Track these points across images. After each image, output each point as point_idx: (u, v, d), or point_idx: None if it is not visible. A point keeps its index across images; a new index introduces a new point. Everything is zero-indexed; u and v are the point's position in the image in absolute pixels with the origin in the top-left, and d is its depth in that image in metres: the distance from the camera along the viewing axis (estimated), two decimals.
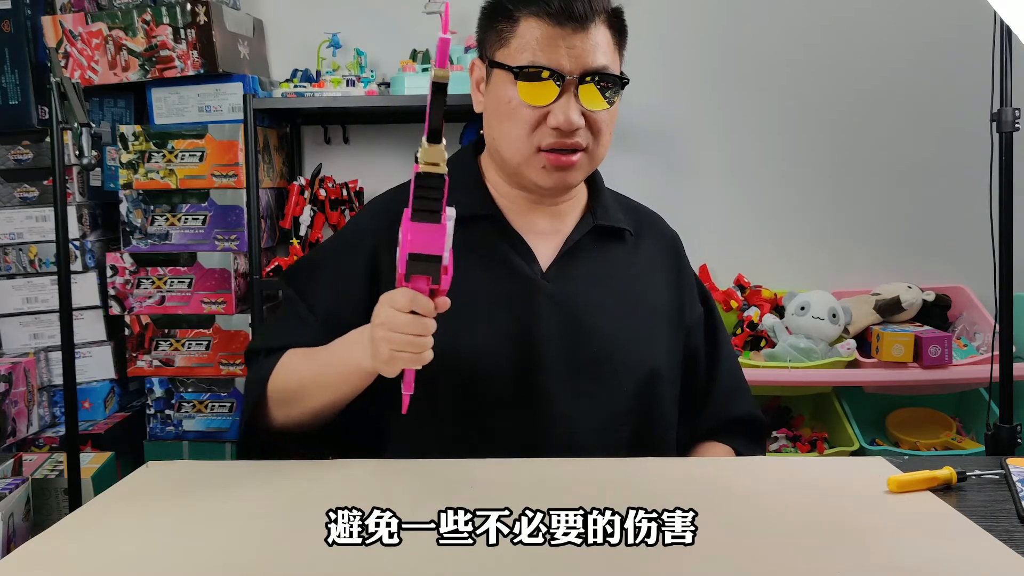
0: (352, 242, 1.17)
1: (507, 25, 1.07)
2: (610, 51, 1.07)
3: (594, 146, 1.10)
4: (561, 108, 1.04)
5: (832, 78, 2.45)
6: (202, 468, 1.05)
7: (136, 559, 0.77)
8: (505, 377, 1.01)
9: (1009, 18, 1.12)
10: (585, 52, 1.04)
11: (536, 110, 1.05)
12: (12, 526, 1.82)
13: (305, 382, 1.07)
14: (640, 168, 2.48)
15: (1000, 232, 1.78)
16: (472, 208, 1.13)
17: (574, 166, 1.09)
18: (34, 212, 2.30)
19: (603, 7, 1.06)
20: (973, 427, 2.31)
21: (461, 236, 1.14)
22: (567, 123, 1.04)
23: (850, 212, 2.48)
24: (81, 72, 2.24)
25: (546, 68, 1.03)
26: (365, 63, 2.37)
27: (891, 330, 2.17)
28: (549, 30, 1.03)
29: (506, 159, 1.11)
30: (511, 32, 1.06)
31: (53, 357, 2.27)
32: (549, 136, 1.06)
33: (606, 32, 1.07)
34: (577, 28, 1.03)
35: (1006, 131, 1.76)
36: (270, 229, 2.37)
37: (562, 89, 1.04)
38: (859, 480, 0.95)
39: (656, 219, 1.27)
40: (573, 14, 1.03)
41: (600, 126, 1.08)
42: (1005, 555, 0.75)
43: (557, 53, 1.03)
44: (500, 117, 1.09)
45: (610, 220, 1.19)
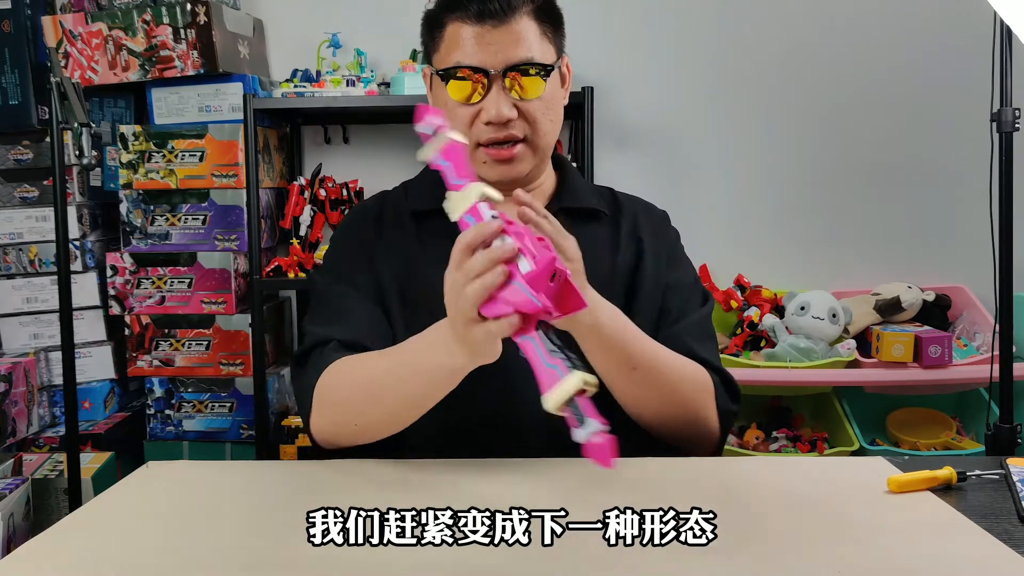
0: (347, 240, 1.21)
1: (437, 31, 1.12)
2: (537, 41, 1.10)
3: (533, 135, 1.12)
4: (492, 102, 1.08)
5: (832, 78, 2.46)
6: (202, 468, 1.05)
7: (136, 559, 0.77)
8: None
9: (1009, 18, 1.12)
10: (506, 46, 1.07)
11: (469, 108, 1.09)
12: (12, 526, 1.82)
13: (382, 383, 1.00)
14: (640, 168, 2.48)
15: (1000, 232, 1.78)
16: (432, 202, 1.14)
17: (515, 158, 1.12)
18: (34, 212, 2.30)
19: (523, 1, 1.09)
20: (973, 427, 2.31)
21: (423, 231, 1.17)
22: (497, 116, 1.08)
23: (850, 212, 2.48)
24: (81, 72, 2.24)
25: (467, 67, 1.08)
26: (365, 63, 2.37)
27: (891, 330, 2.17)
28: (470, 29, 1.08)
29: None
30: (440, 37, 1.12)
31: (53, 357, 2.27)
32: (485, 132, 1.10)
33: (531, 23, 1.09)
34: (496, 24, 1.07)
35: (1006, 131, 1.76)
36: (270, 229, 2.37)
37: (489, 84, 1.08)
38: (859, 480, 0.95)
39: (640, 202, 1.28)
40: (491, 11, 1.07)
41: (535, 115, 1.11)
42: (1005, 555, 0.75)
43: (479, 51, 1.07)
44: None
45: (578, 202, 1.20)
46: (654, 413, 1.07)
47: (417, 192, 1.22)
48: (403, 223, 1.19)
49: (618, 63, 2.45)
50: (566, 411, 0.74)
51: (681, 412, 1.08)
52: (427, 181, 1.23)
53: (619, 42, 2.46)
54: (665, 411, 1.07)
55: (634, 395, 1.06)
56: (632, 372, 1.03)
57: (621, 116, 2.46)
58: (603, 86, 2.34)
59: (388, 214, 1.21)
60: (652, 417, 1.08)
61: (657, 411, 1.07)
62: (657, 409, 1.07)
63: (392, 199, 1.24)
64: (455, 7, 1.09)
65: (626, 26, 2.45)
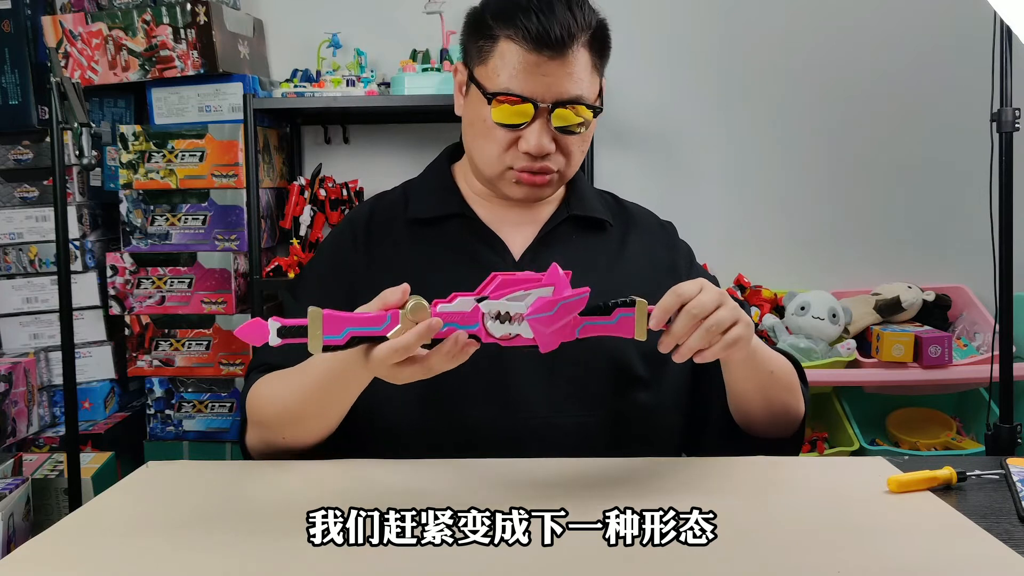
0: (336, 256, 1.19)
1: (487, 43, 1.07)
2: (588, 75, 1.07)
3: (566, 167, 1.11)
4: (534, 133, 1.06)
5: (832, 78, 2.45)
6: (202, 468, 1.05)
7: (136, 559, 0.77)
8: (476, 366, 0.98)
9: (1009, 18, 1.12)
10: (560, 80, 1.04)
11: (509, 132, 1.07)
12: (12, 526, 1.82)
13: (305, 407, 1.02)
14: (640, 168, 2.48)
15: (1000, 232, 1.78)
16: (442, 208, 1.16)
17: (546, 184, 1.11)
18: (34, 212, 2.30)
19: (584, 26, 1.05)
20: (973, 427, 2.31)
21: (418, 238, 1.16)
22: (538, 148, 1.06)
23: (850, 212, 2.48)
24: (81, 72, 2.24)
25: (519, 96, 1.04)
26: (365, 63, 2.37)
27: (891, 330, 2.17)
28: (525, 56, 1.03)
29: (480, 170, 1.14)
30: (490, 51, 1.07)
31: (53, 357, 2.27)
32: (521, 159, 1.08)
33: (585, 54, 1.06)
34: (554, 55, 1.03)
35: (1006, 131, 1.76)
36: (270, 229, 2.37)
37: (535, 114, 1.05)
38: (859, 480, 0.95)
39: (646, 213, 1.27)
40: (550, 40, 1.02)
41: (571, 148, 1.10)
42: (1005, 555, 0.75)
43: (532, 81, 1.04)
44: (475, 132, 1.11)
45: (586, 210, 1.19)
46: (780, 410, 1.09)
47: (418, 197, 1.20)
48: (395, 230, 1.17)
49: (618, 64, 2.43)
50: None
51: (792, 399, 1.10)
52: (430, 184, 1.22)
53: (619, 43, 2.44)
54: (788, 404, 1.10)
55: (771, 397, 1.07)
56: (772, 377, 1.06)
57: (621, 117, 2.46)
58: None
59: (380, 222, 1.18)
60: (776, 413, 1.09)
61: (784, 407, 1.09)
62: (784, 400, 1.09)
63: (386, 205, 1.21)
64: (511, 22, 1.04)
65: (626, 26, 2.44)
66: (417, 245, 1.15)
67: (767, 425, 1.10)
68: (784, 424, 1.11)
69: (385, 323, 0.82)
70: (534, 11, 1.03)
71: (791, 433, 1.13)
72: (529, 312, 0.83)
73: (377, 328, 0.82)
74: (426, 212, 1.17)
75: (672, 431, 1.17)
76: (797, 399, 1.11)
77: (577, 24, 1.04)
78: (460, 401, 1.06)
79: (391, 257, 1.15)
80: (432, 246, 1.15)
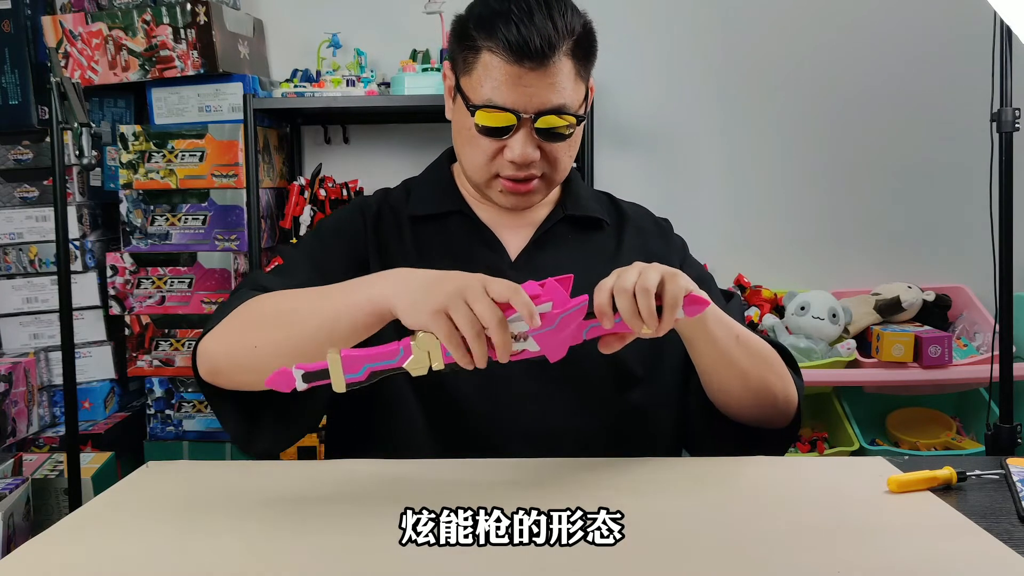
0: (337, 231, 1.18)
1: (470, 53, 1.06)
2: (571, 83, 1.06)
3: (551, 172, 1.11)
4: (518, 143, 1.06)
5: (832, 78, 2.46)
6: (202, 468, 1.05)
7: (136, 559, 0.77)
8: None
9: (1009, 18, 1.12)
10: (541, 91, 1.03)
11: (494, 141, 1.07)
12: (12, 526, 1.82)
13: (299, 306, 0.96)
14: (640, 168, 2.48)
15: (1000, 232, 1.78)
16: (441, 205, 1.17)
17: (532, 191, 1.11)
18: (34, 212, 2.30)
19: (566, 33, 1.04)
20: (973, 427, 2.31)
21: (419, 237, 1.16)
22: (522, 157, 1.06)
23: (850, 212, 2.49)
24: (81, 72, 2.24)
25: (500, 108, 1.04)
26: (365, 63, 2.37)
27: (891, 330, 2.17)
28: (507, 68, 1.03)
29: (468, 176, 1.15)
30: (473, 61, 1.06)
31: (53, 357, 2.27)
32: (507, 168, 1.08)
33: (568, 63, 1.05)
34: (535, 66, 1.02)
35: (1006, 131, 1.76)
36: (270, 229, 2.37)
37: (519, 124, 1.05)
38: (859, 480, 0.95)
39: (642, 211, 1.27)
40: (530, 52, 1.01)
41: (557, 154, 1.09)
42: (1005, 555, 0.75)
43: (513, 92, 1.03)
44: (462, 140, 1.11)
45: (582, 210, 1.20)
46: (758, 386, 1.06)
47: (419, 194, 1.20)
48: (400, 226, 1.18)
49: (618, 64, 2.44)
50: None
51: (773, 377, 1.07)
52: (431, 182, 1.22)
53: (619, 43, 2.46)
54: (767, 380, 1.07)
55: (743, 369, 1.04)
56: (738, 343, 1.03)
57: (621, 117, 2.46)
58: (603, 87, 2.34)
59: (387, 214, 1.19)
60: (756, 391, 1.06)
61: (762, 382, 1.06)
62: (763, 375, 1.06)
63: (393, 199, 1.22)
64: (491, 33, 1.03)
65: (626, 26, 2.45)
66: (418, 241, 1.16)
67: (751, 407, 1.07)
68: (770, 407, 1.08)
69: (399, 355, 0.83)
70: (514, 21, 1.01)
71: (785, 423, 1.11)
72: (532, 329, 0.84)
73: (392, 361, 0.83)
74: (427, 209, 1.17)
75: (671, 430, 1.17)
76: (781, 379, 1.08)
77: (558, 33, 1.03)
78: (457, 401, 1.06)
79: (395, 249, 1.15)
80: (432, 243, 1.15)
